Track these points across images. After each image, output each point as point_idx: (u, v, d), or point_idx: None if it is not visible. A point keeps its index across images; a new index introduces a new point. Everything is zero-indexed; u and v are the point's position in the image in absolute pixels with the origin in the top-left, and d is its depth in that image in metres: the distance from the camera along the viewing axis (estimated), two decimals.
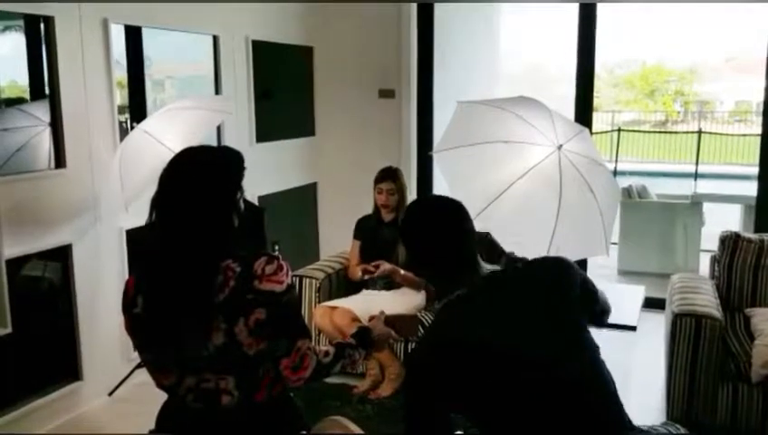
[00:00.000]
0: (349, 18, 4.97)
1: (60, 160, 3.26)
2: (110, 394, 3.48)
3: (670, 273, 3.89)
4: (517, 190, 2.69)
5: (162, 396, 1.82)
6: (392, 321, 2.10)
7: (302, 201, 5.15)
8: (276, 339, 1.70)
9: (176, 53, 4.26)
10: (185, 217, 1.69)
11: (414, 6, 4.91)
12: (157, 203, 1.73)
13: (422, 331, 2.59)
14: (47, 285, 3.36)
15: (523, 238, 2.70)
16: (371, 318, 2.15)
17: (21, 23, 3.18)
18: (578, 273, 1.70)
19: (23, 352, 3.17)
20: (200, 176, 1.72)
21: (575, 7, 4.61)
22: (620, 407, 1.65)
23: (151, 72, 4.22)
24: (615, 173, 7.91)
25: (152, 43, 3.98)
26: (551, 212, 2.67)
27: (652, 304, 4.28)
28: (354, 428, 1.95)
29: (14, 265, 3.04)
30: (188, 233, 1.69)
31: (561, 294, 1.64)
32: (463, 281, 1.64)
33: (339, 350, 1.86)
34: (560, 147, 2.75)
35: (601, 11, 4.61)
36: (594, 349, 1.65)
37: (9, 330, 2.97)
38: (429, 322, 3.10)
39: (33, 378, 3.24)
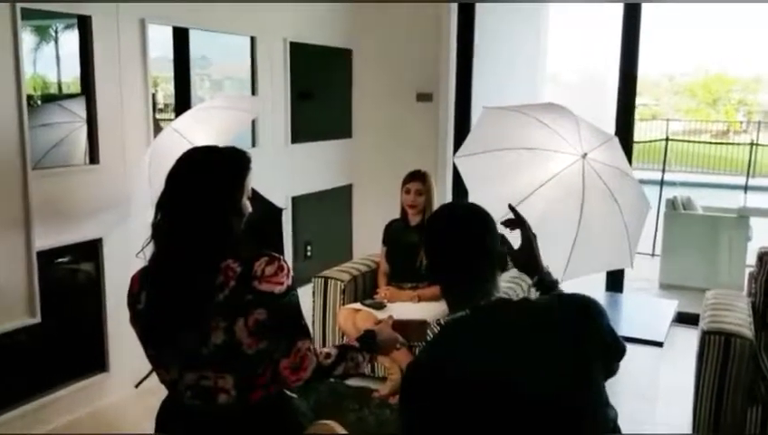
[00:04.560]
0: (388, 21, 4.97)
1: (94, 156, 3.35)
2: (137, 386, 3.53)
3: (714, 288, 3.76)
4: (538, 199, 2.63)
5: None
6: (400, 325, 2.08)
7: (336, 203, 5.16)
8: (276, 339, 1.71)
9: (236, 54, 4.34)
10: (183, 215, 1.72)
11: (454, 9, 4.88)
12: (161, 202, 1.77)
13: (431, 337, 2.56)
14: (77, 277, 3.45)
15: (543, 248, 2.64)
16: (378, 322, 2.13)
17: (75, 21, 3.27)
18: (606, 322, 1.57)
19: (51, 341, 3.26)
20: (196, 176, 1.74)
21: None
22: None
23: (210, 72, 4.32)
24: (662, 183, 7.71)
25: (212, 44, 4.09)
26: (572, 222, 2.60)
27: (690, 319, 4.16)
28: (341, 431, 1.94)
29: (46, 256, 3.14)
30: (187, 232, 1.71)
31: (577, 338, 1.51)
32: (471, 301, 1.56)
33: (341, 352, 1.85)
34: (584, 155, 2.69)
35: (665, 18, 4.52)
36: (601, 405, 1.52)
37: (38, 320, 3.07)
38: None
39: (60, 367, 3.33)
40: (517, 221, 1.91)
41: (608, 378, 1.57)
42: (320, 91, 4.88)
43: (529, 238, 1.87)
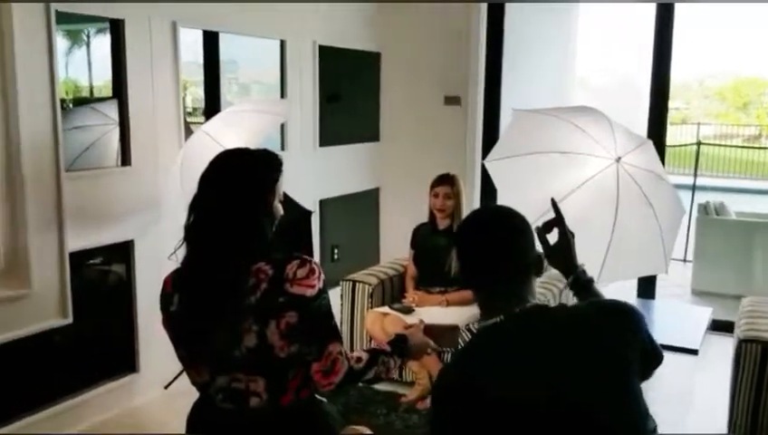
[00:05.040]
0: (416, 24, 4.96)
1: (126, 158, 3.38)
2: (166, 387, 3.55)
3: (748, 295, 3.68)
4: (571, 203, 2.57)
5: None
6: (432, 330, 2.06)
7: (363, 206, 5.16)
8: (307, 343, 1.70)
9: (263, 58, 4.36)
10: (215, 218, 1.72)
11: (483, 12, 4.85)
12: (194, 204, 1.77)
13: (462, 343, 2.53)
14: (108, 278, 3.48)
15: (576, 253, 2.60)
16: (408, 326, 2.11)
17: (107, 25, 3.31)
18: (645, 329, 1.53)
19: (82, 342, 3.29)
20: (229, 178, 1.74)
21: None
22: None
23: (237, 75, 4.35)
24: (694, 188, 7.59)
25: (240, 48, 4.11)
26: (606, 227, 2.56)
27: (725, 327, 4.08)
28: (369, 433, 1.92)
29: (78, 258, 3.17)
30: (219, 234, 1.71)
31: (617, 346, 1.47)
32: (505, 307, 1.52)
33: (373, 356, 1.84)
34: (618, 159, 2.64)
35: (694, 20, 4.46)
36: (641, 415, 1.47)
37: (70, 320, 3.10)
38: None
39: (91, 368, 3.36)
40: (556, 220, 1.87)
41: (641, 381, 1.54)
42: (348, 94, 4.88)
43: (566, 236, 1.84)
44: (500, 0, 4.86)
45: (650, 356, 1.56)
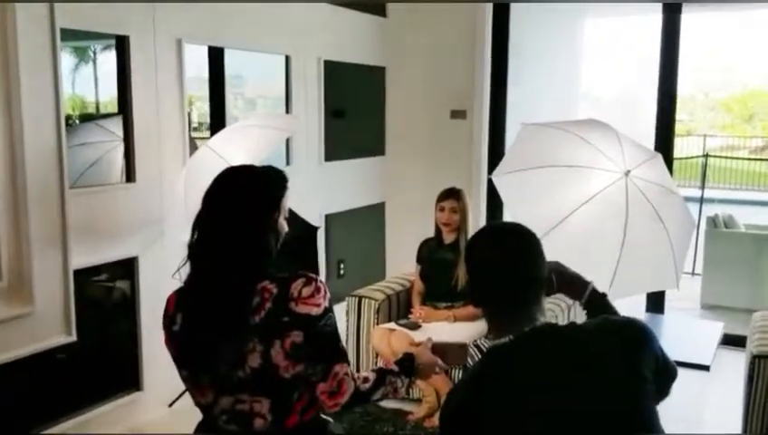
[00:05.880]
0: (422, 39, 4.96)
1: (130, 175, 3.36)
2: (170, 405, 3.53)
3: (758, 309, 3.63)
4: (580, 218, 2.56)
5: None
6: (440, 349, 2.02)
7: (369, 221, 5.13)
8: (313, 363, 1.67)
9: (269, 73, 4.36)
10: (219, 235, 1.69)
11: (488, 27, 4.84)
12: (198, 221, 1.75)
13: (470, 362, 2.49)
14: (112, 295, 3.45)
15: (585, 269, 2.57)
16: (417, 344, 2.08)
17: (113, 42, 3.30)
18: (657, 345, 1.51)
19: (86, 360, 3.26)
20: (234, 195, 1.72)
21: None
22: None
23: (243, 90, 4.35)
24: (701, 201, 7.55)
25: (245, 63, 4.12)
26: (615, 242, 2.52)
27: (736, 341, 4.03)
28: None
29: (82, 275, 3.14)
30: (223, 252, 1.68)
31: (630, 366, 1.45)
32: (515, 326, 1.50)
33: (380, 376, 1.80)
34: (627, 173, 2.61)
35: (702, 30, 4.45)
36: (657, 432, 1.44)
37: (74, 338, 3.07)
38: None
39: (95, 386, 3.33)
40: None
41: (660, 400, 1.50)
42: (353, 108, 4.87)
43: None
44: (505, 0, 4.82)
45: (664, 372, 1.53)
